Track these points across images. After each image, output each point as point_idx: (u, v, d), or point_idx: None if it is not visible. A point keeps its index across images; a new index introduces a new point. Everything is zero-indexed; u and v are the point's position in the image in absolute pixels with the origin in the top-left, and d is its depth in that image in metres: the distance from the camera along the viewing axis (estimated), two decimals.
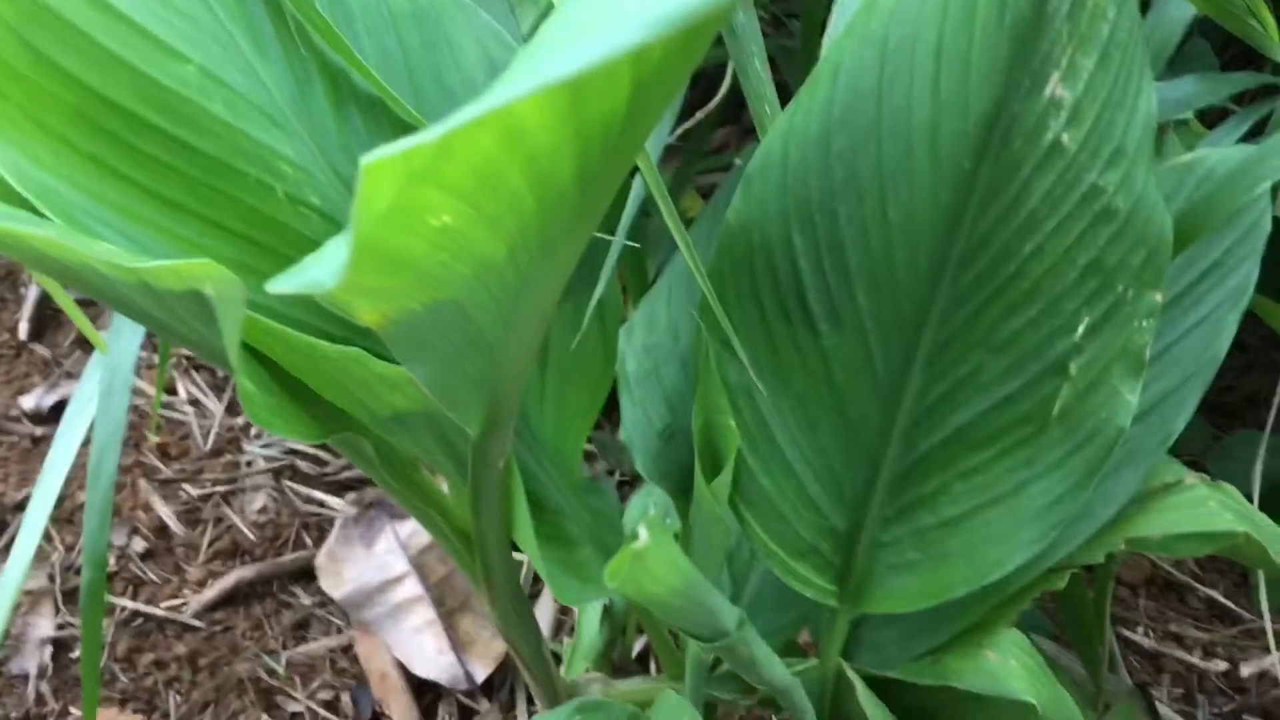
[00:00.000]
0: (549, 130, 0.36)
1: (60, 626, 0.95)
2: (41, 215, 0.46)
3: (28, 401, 1.14)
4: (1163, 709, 0.84)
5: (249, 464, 1.09)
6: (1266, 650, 0.90)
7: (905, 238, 0.55)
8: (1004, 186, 0.53)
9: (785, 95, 0.59)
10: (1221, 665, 0.90)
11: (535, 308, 0.47)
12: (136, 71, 0.47)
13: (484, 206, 0.38)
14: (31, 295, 1.25)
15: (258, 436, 1.11)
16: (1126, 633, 0.92)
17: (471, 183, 0.36)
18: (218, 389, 1.16)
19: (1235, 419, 1.05)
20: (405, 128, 0.53)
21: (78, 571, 0.99)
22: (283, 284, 0.34)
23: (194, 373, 1.18)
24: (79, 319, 0.82)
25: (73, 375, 1.18)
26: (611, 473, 1.05)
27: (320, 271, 0.34)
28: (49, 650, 0.93)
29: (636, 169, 0.58)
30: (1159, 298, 0.54)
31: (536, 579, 0.98)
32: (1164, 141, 0.77)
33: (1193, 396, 0.63)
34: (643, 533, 0.33)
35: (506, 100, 0.28)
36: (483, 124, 0.33)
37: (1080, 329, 0.54)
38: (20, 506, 1.05)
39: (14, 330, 1.23)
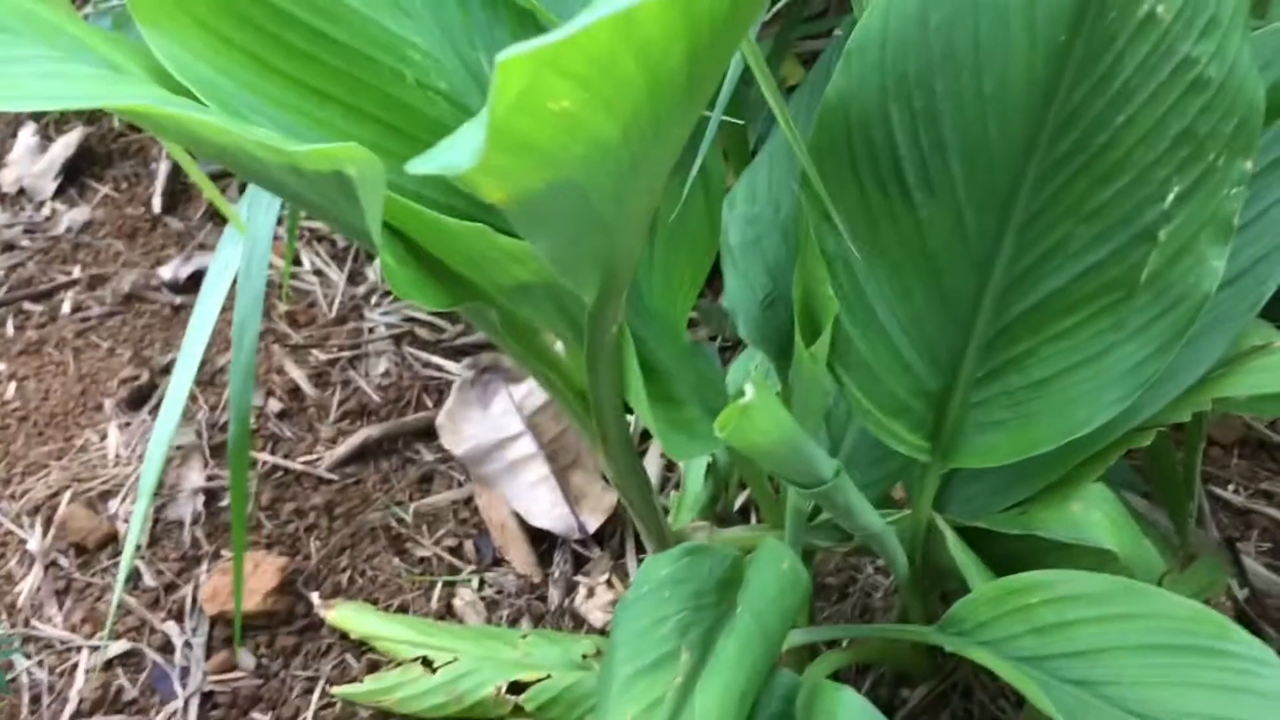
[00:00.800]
0: (660, 20, 0.39)
1: (209, 478, 1.04)
2: (199, 102, 0.50)
3: (165, 272, 1.22)
4: (1249, 562, 0.86)
5: (371, 330, 1.16)
6: None
7: (1000, 110, 0.57)
8: (1098, 58, 0.54)
9: None
10: None
11: (647, 186, 0.50)
12: None
13: (600, 92, 0.41)
14: (163, 171, 1.32)
15: (378, 305, 1.18)
16: (1217, 490, 0.94)
17: (589, 70, 0.39)
18: (339, 260, 1.22)
19: None
20: (521, 14, 0.57)
21: (222, 429, 1.08)
22: (422, 165, 0.38)
23: (316, 244, 1.24)
24: (214, 195, 0.88)
25: (206, 247, 1.25)
26: (714, 338, 1.09)
27: (457, 155, 0.38)
28: (201, 499, 1.02)
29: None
30: (1249, 165, 0.55)
31: (643, 437, 1.03)
32: (1270, 3, 0.77)
33: None
34: (749, 389, 0.37)
35: (628, 5, 0.32)
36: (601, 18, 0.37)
37: (1170, 197, 0.56)
38: (166, 370, 1.13)
39: (148, 204, 1.31)
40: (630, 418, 1.00)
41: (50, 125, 1.41)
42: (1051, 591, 0.61)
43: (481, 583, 0.97)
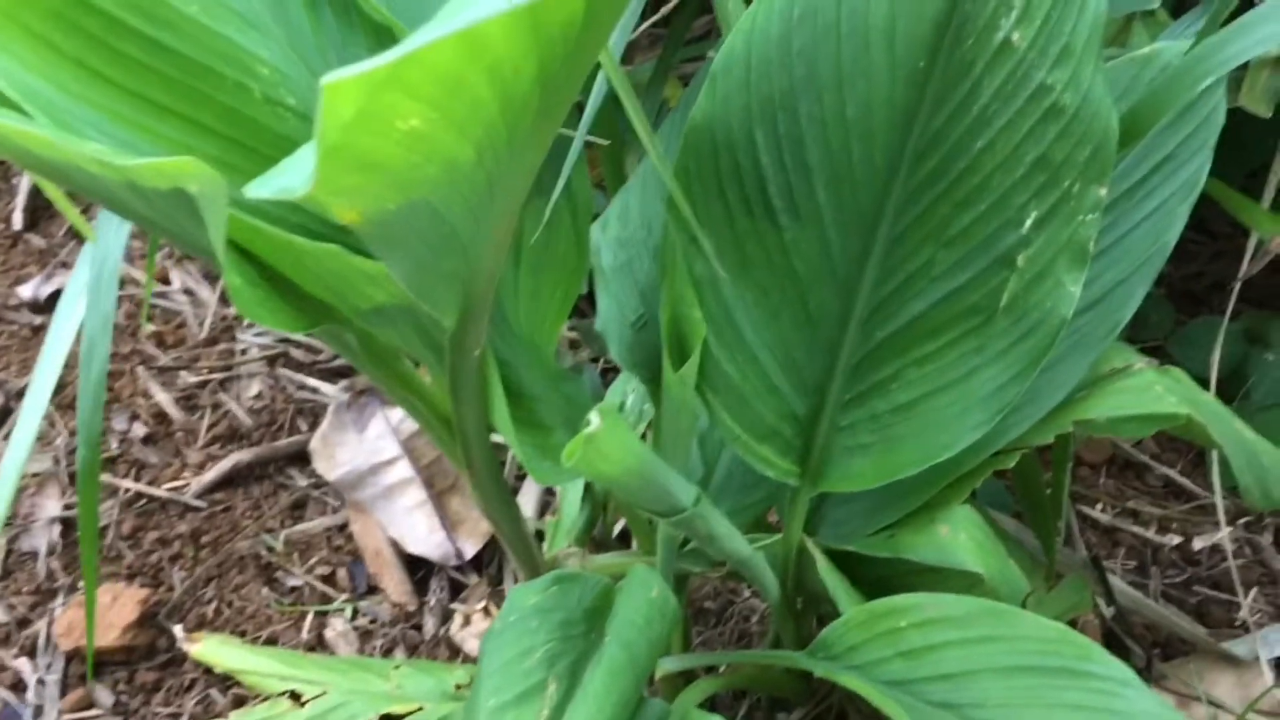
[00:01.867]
0: (509, 39, 0.38)
1: (67, 507, 0.99)
2: (29, 116, 0.48)
3: (25, 291, 1.17)
4: (1115, 580, 0.88)
5: (243, 351, 1.12)
6: (1218, 525, 0.94)
7: (862, 134, 0.57)
8: (956, 84, 0.55)
9: None
10: (1175, 539, 0.94)
11: (504, 206, 0.49)
12: None
13: (450, 112, 0.40)
14: (24, 186, 1.27)
15: (251, 325, 1.14)
16: (1085, 509, 0.96)
17: (436, 90, 0.38)
18: (211, 278, 1.19)
19: (1202, 304, 1.08)
20: (378, 29, 0.55)
21: None
22: (258, 189, 0.37)
23: (186, 262, 1.20)
24: (68, 210, 0.85)
25: (68, 265, 1.21)
26: (596, 360, 1.08)
27: (291, 178, 0.36)
28: (57, 529, 0.98)
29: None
30: (1104, 192, 0.56)
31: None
32: (1130, 31, 0.79)
33: (1142, 285, 0.65)
34: (594, 418, 0.36)
35: (470, 23, 0.30)
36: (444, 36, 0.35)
37: (1028, 223, 0.57)
38: (22, 393, 1.08)
39: (8, 221, 1.25)
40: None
41: None
42: (919, 615, 0.61)
43: (355, 612, 0.94)
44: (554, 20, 0.40)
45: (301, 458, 1.04)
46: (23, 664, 0.89)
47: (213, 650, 0.89)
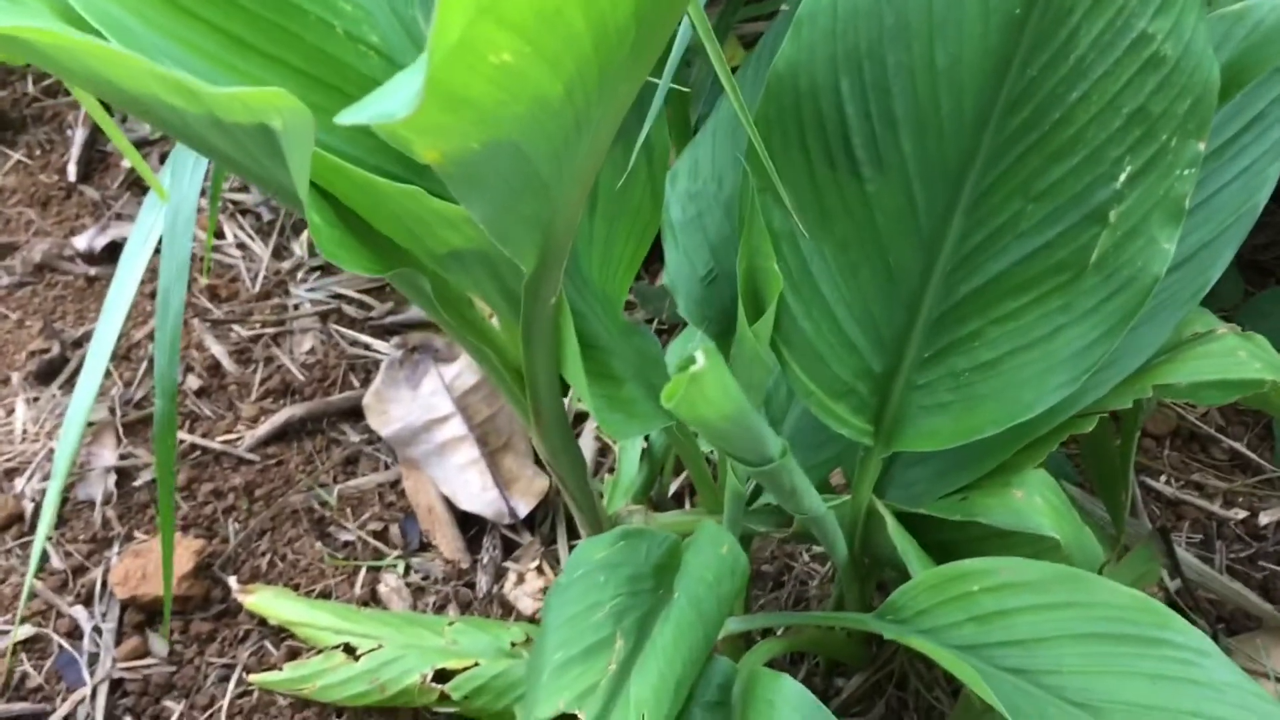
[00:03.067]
0: None
1: (123, 456, 0.99)
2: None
3: (80, 242, 1.17)
4: (1181, 553, 0.87)
5: (296, 307, 1.12)
6: None
7: (952, 84, 0.55)
8: (1053, 32, 0.53)
9: None
10: (1241, 514, 0.93)
11: (590, 149, 0.48)
12: None
13: (543, 44, 0.39)
14: (79, 138, 1.27)
15: (304, 281, 1.14)
16: (1150, 481, 0.95)
17: (532, 21, 0.37)
18: (264, 234, 1.18)
19: (1270, 276, 1.06)
20: None
21: (137, 405, 1.03)
22: (354, 115, 0.35)
23: (240, 217, 1.20)
24: (134, 157, 0.84)
25: (123, 217, 1.21)
26: (650, 321, 1.07)
27: (392, 103, 0.35)
28: (113, 478, 0.98)
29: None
30: (1202, 147, 0.55)
31: (576, 419, 1.01)
32: None
33: (1229, 248, 0.64)
34: (700, 357, 0.35)
35: None
36: None
37: (1122, 177, 0.55)
38: (78, 343, 1.09)
39: (63, 172, 1.25)
40: (565, 398, 0.97)
41: None
42: (992, 579, 0.60)
43: (407, 568, 0.94)
44: None
45: (354, 413, 1.03)
46: (79, 611, 0.90)
47: (267, 602, 0.89)
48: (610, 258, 0.64)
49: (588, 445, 1.00)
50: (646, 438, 0.87)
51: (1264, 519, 0.92)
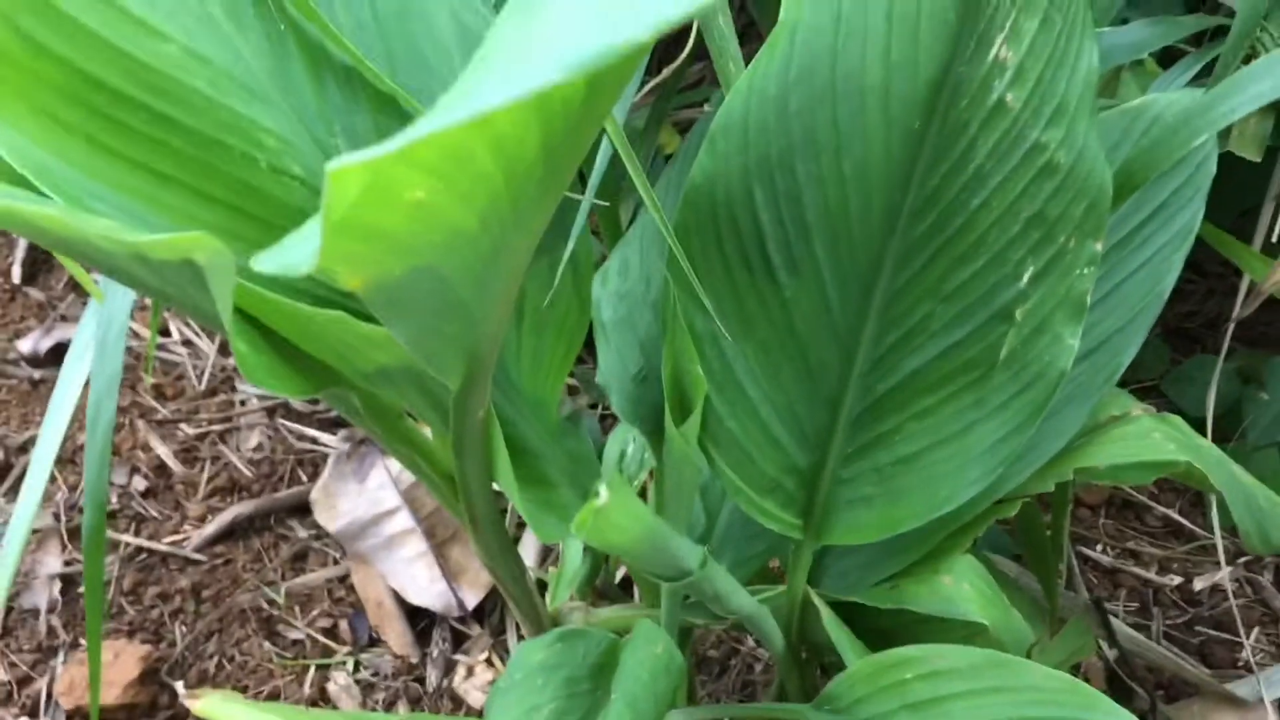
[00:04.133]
0: (513, 114, 0.39)
1: (67, 563, 0.99)
2: (40, 192, 0.48)
3: (25, 345, 1.17)
4: (1117, 623, 0.88)
5: (243, 403, 1.12)
6: (1219, 565, 0.94)
7: (859, 192, 0.57)
8: (951, 144, 0.56)
9: (758, 38, 0.62)
10: (1176, 579, 0.95)
11: (508, 271, 0.50)
12: (121, 52, 0.49)
13: (455, 184, 0.41)
14: (23, 240, 1.27)
15: None
16: (1086, 550, 0.97)
17: (442, 162, 0.39)
18: (210, 331, 1.19)
19: (1196, 343, 1.09)
20: (381, 97, 0.56)
21: (82, 510, 1.03)
22: (264, 264, 0.37)
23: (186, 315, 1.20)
24: (73, 266, 0.85)
25: (68, 319, 1.21)
26: (595, 406, 1.09)
27: (295, 255, 0.37)
28: (57, 585, 0.97)
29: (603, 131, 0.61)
30: (1099, 246, 0.57)
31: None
32: (1119, 82, 0.80)
33: (1139, 333, 0.66)
34: (603, 491, 0.36)
35: (472, 114, 0.31)
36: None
37: (1025, 278, 0.57)
38: (23, 449, 1.08)
39: (7, 274, 1.26)
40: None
41: None
42: (924, 666, 0.61)
43: (357, 665, 0.94)
44: (557, 95, 0.41)
45: (302, 509, 1.04)
46: None
47: (215, 707, 0.88)
48: (540, 366, 0.65)
49: (534, 537, 1.00)
50: None
51: (1198, 584, 0.94)
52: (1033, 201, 0.56)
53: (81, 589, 0.98)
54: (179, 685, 0.91)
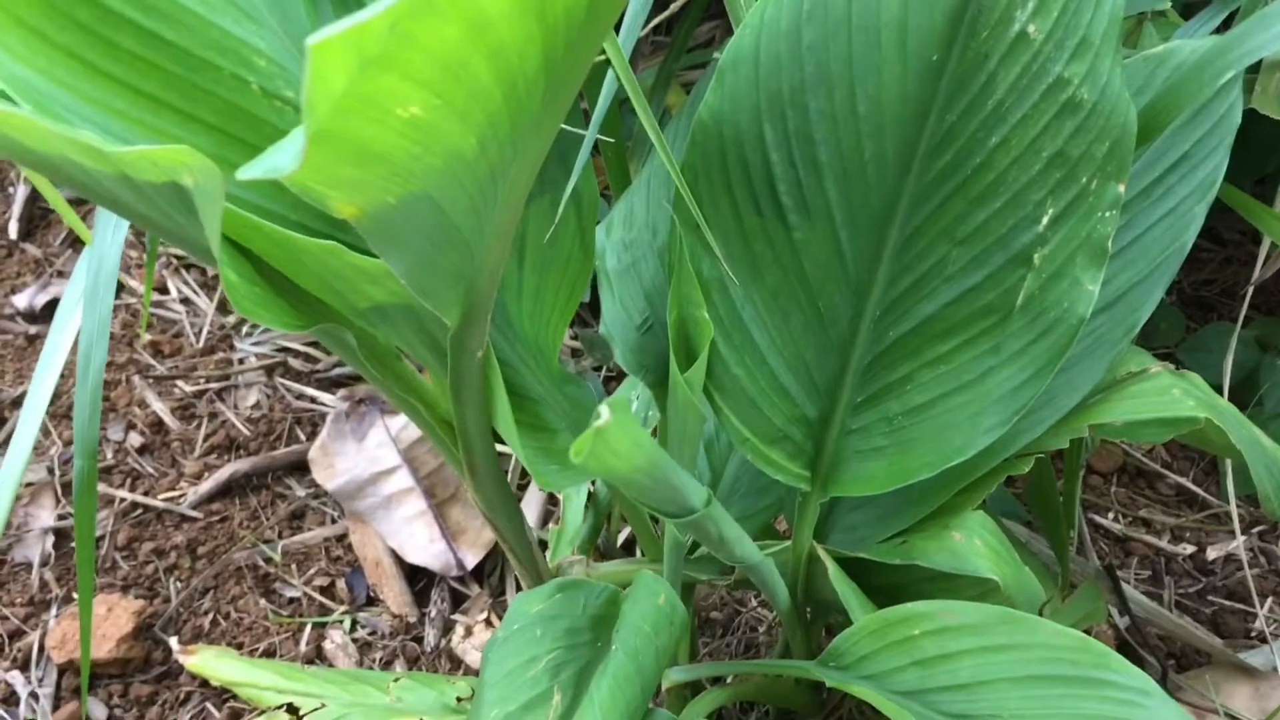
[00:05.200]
0: (512, 21, 0.37)
1: (61, 517, 0.98)
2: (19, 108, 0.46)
3: (20, 300, 1.16)
4: (1129, 589, 0.87)
5: (241, 361, 1.11)
6: (1232, 534, 0.93)
7: (874, 130, 0.55)
8: (971, 78, 0.53)
9: None
10: (1188, 549, 0.93)
11: (507, 200, 0.48)
12: None
13: (452, 98, 0.39)
14: (20, 195, 1.26)
15: (249, 334, 1.13)
16: (1097, 518, 0.95)
17: (438, 74, 0.37)
18: (208, 288, 1.17)
19: (1212, 312, 1.07)
20: None
21: None
22: (249, 170, 0.35)
23: (184, 272, 1.19)
24: (66, 212, 0.83)
25: (64, 274, 1.19)
26: (599, 368, 1.07)
27: (282, 157, 0.35)
28: (51, 539, 0.96)
29: (610, 64, 0.59)
30: (1122, 189, 0.55)
31: (524, 472, 1.00)
32: (1140, 32, 0.78)
33: (1159, 287, 0.64)
34: (604, 411, 0.34)
35: None
36: (444, 14, 0.34)
37: (1044, 220, 0.55)
38: (17, 403, 1.07)
39: (3, 230, 1.24)
40: (511, 451, 0.97)
41: None
42: (933, 623, 0.59)
43: (354, 624, 0.92)
44: (558, 2, 0.39)
45: (300, 467, 1.02)
46: (15, 677, 0.88)
47: (209, 662, 0.87)
48: (541, 308, 0.63)
49: (536, 495, 0.99)
50: (593, 485, 0.87)
51: (1211, 554, 0.92)
52: (1054, 140, 0.54)
53: (74, 543, 0.96)
54: (173, 641, 0.89)
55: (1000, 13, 0.52)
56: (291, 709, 0.81)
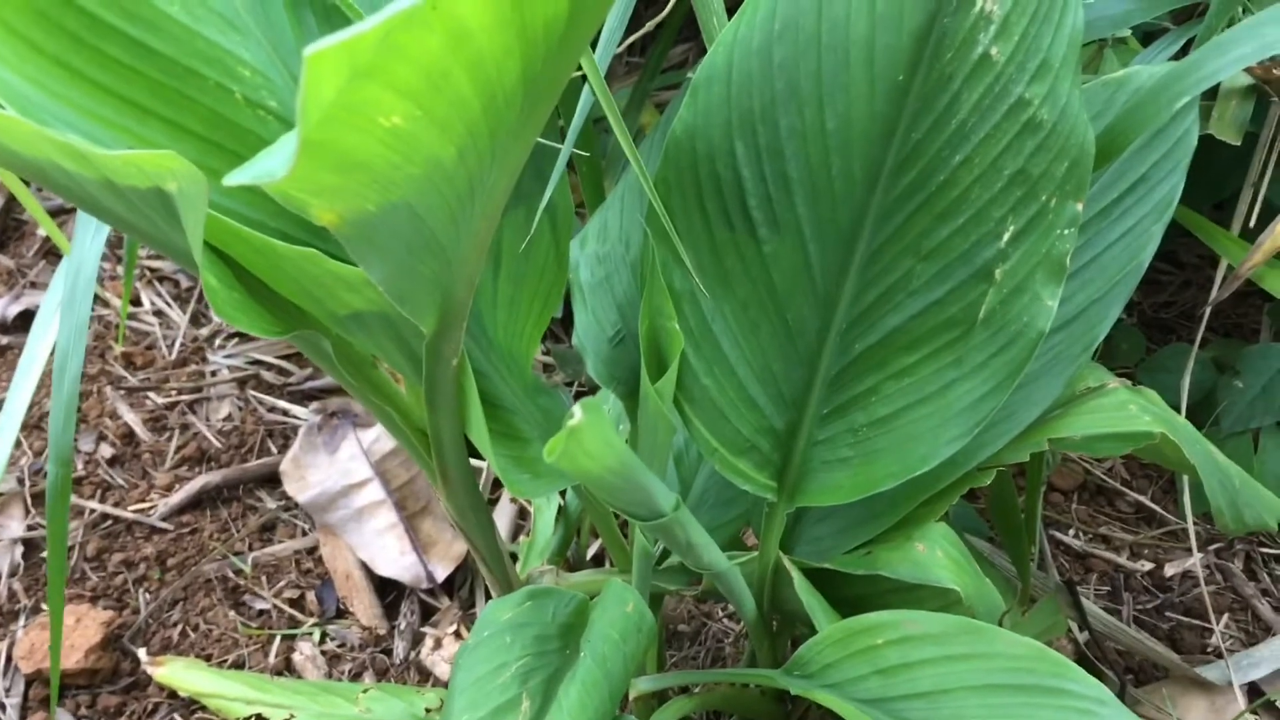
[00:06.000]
0: (493, 33, 0.38)
1: (30, 528, 0.98)
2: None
3: None
4: (1088, 605, 0.88)
5: (214, 373, 1.11)
6: (1189, 551, 0.94)
7: (841, 147, 0.57)
8: (935, 98, 0.55)
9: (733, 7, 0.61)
10: (1147, 565, 0.95)
11: (485, 209, 0.49)
12: None
13: (433, 108, 0.40)
14: None
15: (222, 347, 1.13)
16: (1058, 535, 0.96)
17: (420, 84, 0.38)
18: (182, 300, 1.18)
19: (1171, 333, 1.09)
20: None
21: (45, 475, 1.01)
22: (238, 176, 0.36)
23: (158, 284, 1.19)
24: (45, 221, 0.84)
25: (38, 285, 1.19)
26: (570, 384, 1.08)
27: (272, 163, 0.36)
28: (19, 550, 0.96)
29: (586, 81, 0.60)
30: (1080, 207, 0.57)
31: (496, 484, 1.01)
32: (1101, 58, 0.80)
33: (1116, 304, 0.66)
34: (577, 411, 0.35)
35: None
36: (428, 25, 0.35)
37: (1006, 236, 0.57)
38: None
39: None
40: (483, 463, 0.97)
41: None
42: (896, 632, 0.61)
43: (323, 635, 0.92)
44: (538, 16, 0.40)
45: (271, 480, 1.03)
46: None
47: (177, 674, 0.87)
48: (515, 318, 0.64)
49: (507, 509, 1.00)
50: (563, 498, 0.87)
51: (1169, 570, 0.94)
52: (1015, 158, 0.55)
53: (44, 554, 0.96)
54: (141, 652, 0.89)
55: (964, 35, 0.54)
56: None
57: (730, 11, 0.61)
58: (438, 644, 0.91)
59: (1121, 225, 0.66)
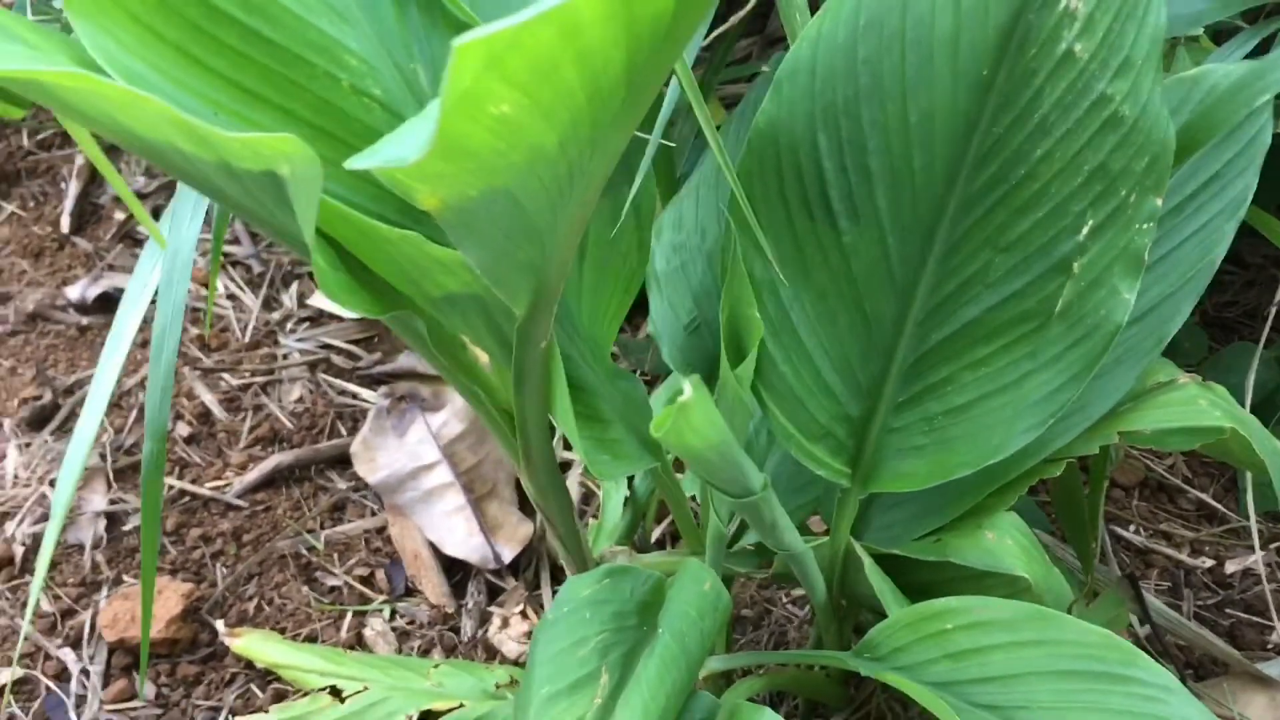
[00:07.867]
0: (602, 26, 0.40)
1: (112, 502, 1.01)
2: None
3: (73, 292, 1.19)
4: (1150, 598, 0.89)
5: (285, 356, 1.14)
6: (1251, 549, 0.95)
7: (924, 141, 0.58)
8: (1018, 93, 0.56)
9: (815, 3, 0.63)
10: (1208, 562, 0.95)
11: (581, 198, 0.51)
12: None
13: (540, 98, 0.41)
14: (72, 190, 1.29)
15: (293, 331, 1.16)
16: (1119, 530, 0.97)
17: (529, 74, 0.40)
18: (254, 285, 1.21)
19: (1233, 333, 1.09)
20: (459, 25, 0.57)
21: (127, 451, 1.05)
22: (367, 160, 0.38)
23: (231, 269, 1.22)
24: (135, 205, 0.86)
25: (115, 268, 1.23)
26: (634, 372, 1.10)
27: (403, 149, 0.38)
28: (103, 523, 0.99)
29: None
30: (1159, 202, 0.58)
31: (561, 467, 1.03)
32: (1174, 56, 0.80)
33: (1188, 300, 0.67)
34: (687, 387, 0.37)
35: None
36: (545, 17, 0.37)
37: (1084, 230, 0.58)
38: (69, 391, 1.10)
39: (56, 224, 1.28)
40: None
41: None
42: (966, 617, 0.62)
43: (393, 613, 0.95)
44: (646, 11, 0.41)
45: (341, 461, 1.05)
46: (67, 654, 0.90)
47: (254, 645, 0.90)
48: (598, 304, 0.66)
49: (572, 491, 1.01)
50: (630, 483, 0.89)
51: (1230, 568, 0.95)
52: (1096, 154, 0.56)
53: (125, 527, 0.99)
54: (219, 624, 0.92)
55: (1048, 32, 0.55)
56: (334, 691, 0.84)
57: (812, 9, 0.63)
58: (504, 623, 0.93)
59: (1194, 222, 0.67)
